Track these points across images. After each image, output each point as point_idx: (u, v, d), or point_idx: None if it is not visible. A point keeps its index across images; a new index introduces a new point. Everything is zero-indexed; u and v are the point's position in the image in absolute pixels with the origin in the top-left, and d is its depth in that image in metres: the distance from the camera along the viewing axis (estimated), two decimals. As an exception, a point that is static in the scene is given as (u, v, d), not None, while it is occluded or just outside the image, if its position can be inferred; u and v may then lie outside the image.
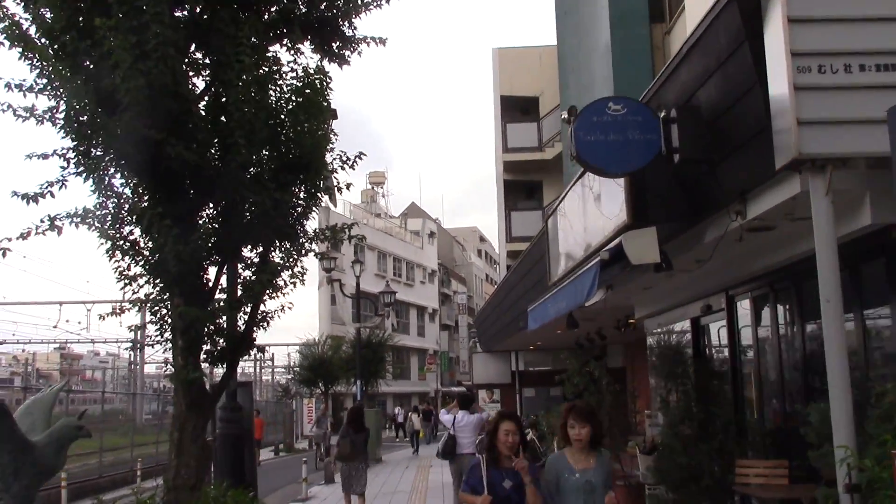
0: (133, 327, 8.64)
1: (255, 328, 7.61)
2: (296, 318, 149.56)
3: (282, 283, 7.52)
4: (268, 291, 7.36)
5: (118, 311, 7.58)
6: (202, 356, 7.39)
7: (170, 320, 7.19)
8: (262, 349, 8.07)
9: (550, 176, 30.23)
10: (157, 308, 7.14)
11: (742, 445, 8.46)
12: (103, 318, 7.54)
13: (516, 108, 32.18)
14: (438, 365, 70.32)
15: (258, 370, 62.44)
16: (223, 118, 7.05)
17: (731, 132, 6.26)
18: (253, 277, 7.37)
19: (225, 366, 7.66)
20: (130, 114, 6.27)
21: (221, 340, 7.34)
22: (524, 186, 31.98)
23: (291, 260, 7.64)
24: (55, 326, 47.05)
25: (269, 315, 7.74)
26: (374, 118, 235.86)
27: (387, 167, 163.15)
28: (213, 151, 7.12)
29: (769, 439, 8.18)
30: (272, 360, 60.40)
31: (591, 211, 8.89)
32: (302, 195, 7.73)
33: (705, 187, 6.86)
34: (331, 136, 8.23)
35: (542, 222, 29.35)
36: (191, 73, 7.65)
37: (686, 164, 6.62)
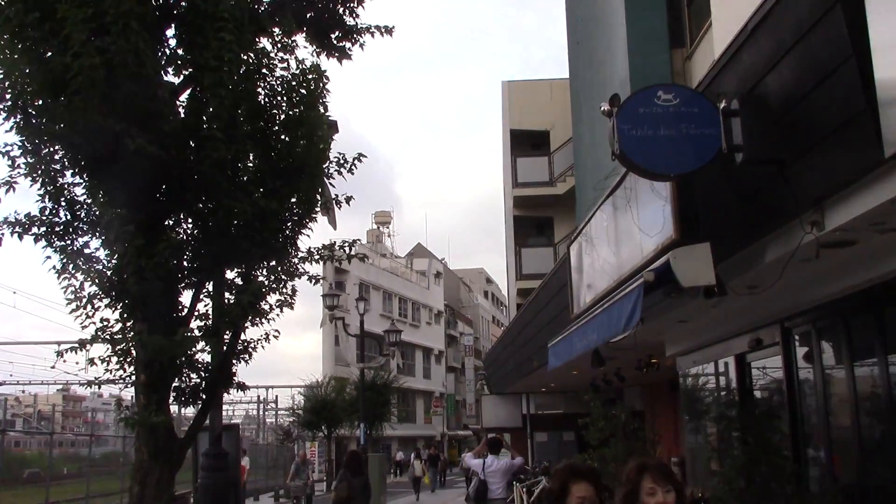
0: (98, 360, 7.45)
1: (234, 360, 6.48)
2: (299, 361, 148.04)
3: (266, 307, 6.41)
4: (250, 317, 6.23)
5: (82, 345, 6.45)
6: (171, 394, 6.24)
7: (133, 351, 6.06)
8: (242, 386, 6.92)
9: (561, 211, 29.24)
10: (113, 336, 6.03)
11: (808, 494, 7.25)
12: (62, 356, 6.43)
13: (526, 143, 31.32)
14: (444, 408, 68.77)
15: (262, 412, 61.00)
16: (198, 108, 5.97)
17: (808, 125, 5.18)
18: (232, 300, 6.24)
19: (199, 405, 6.52)
20: (82, 97, 5.21)
21: (194, 375, 6.20)
22: (534, 222, 30.97)
23: (279, 282, 6.52)
24: (53, 367, 46.11)
25: (252, 345, 6.62)
26: (379, 158, 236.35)
27: (393, 207, 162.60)
28: (185, 150, 6.03)
29: (841, 497, 6.96)
30: (276, 402, 58.98)
31: (626, 229, 7.79)
32: (294, 207, 6.63)
33: (771, 194, 5.75)
34: (329, 147, 7.20)
35: (553, 259, 28.39)
36: (169, 69, 6.62)
37: (750, 166, 5.53)
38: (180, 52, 6.62)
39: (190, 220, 6.39)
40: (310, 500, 21.15)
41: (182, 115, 6.01)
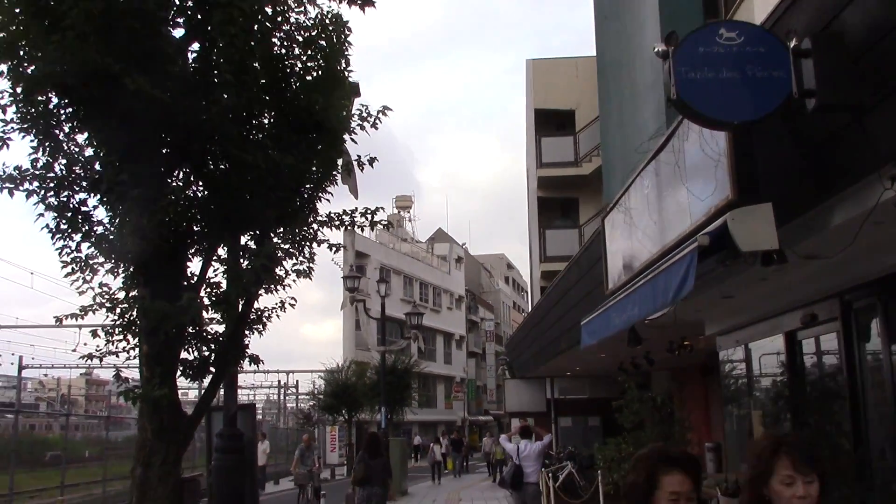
0: (102, 331, 6.89)
1: (247, 331, 5.96)
2: (320, 346, 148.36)
3: (282, 272, 5.87)
4: (263, 283, 5.68)
5: (83, 313, 5.93)
6: (177, 367, 5.72)
7: (136, 320, 5.53)
8: (256, 360, 6.40)
9: (587, 192, 28.59)
10: (114, 302, 5.51)
11: (871, 491, 6.64)
12: (61, 322, 5.92)
13: (551, 123, 30.62)
14: (465, 393, 68.35)
15: (282, 397, 60.86)
16: (207, 54, 5.40)
17: (892, 65, 4.55)
18: (245, 264, 5.70)
19: (208, 380, 6.00)
20: (76, 33, 4.67)
21: (203, 347, 5.68)
22: (559, 204, 30.33)
23: (296, 245, 5.97)
24: (74, 350, 45.83)
25: (266, 314, 6.09)
26: (398, 145, 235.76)
27: (414, 192, 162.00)
28: (193, 95, 5.45)
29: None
30: (296, 386, 58.84)
31: (672, 194, 7.20)
32: (312, 165, 6.06)
33: (844, 146, 5.14)
34: (351, 104, 6.62)
35: (578, 241, 27.74)
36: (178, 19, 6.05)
37: (823, 113, 4.91)
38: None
39: (197, 175, 5.82)
40: (317, 492, 18.20)
41: (190, 62, 5.45)
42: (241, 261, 5.80)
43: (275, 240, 5.87)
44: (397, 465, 23.62)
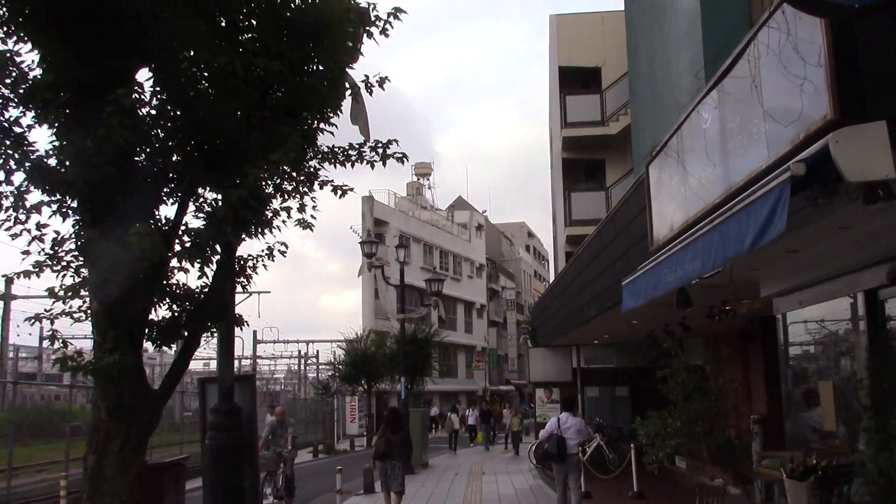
0: (61, 290, 5.82)
1: (226, 285, 4.89)
2: (340, 317, 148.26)
3: (269, 213, 4.78)
4: (247, 224, 4.59)
5: (36, 269, 4.87)
6: (141, 329, 4.66)
7: (83, 269, 4.47)
8: (239, 321, 5.39)
9: (614, 153, 27.41)
10: (56, 247, 4.47)
11: None
12: (11, 282, 4.90)
13: (576, 81, 29.32)
14: (486, 363, 67.52)
15: (303, 367, 60.32)
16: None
17: None
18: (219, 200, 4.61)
19: (179, 346, 4.95)
20: None
21: (174, 305, 4.63)
22: (585, 165, 29.13)
23: (288, 179, 4.87)
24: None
25: (251, 263, 5.01)
26: (417, 115, 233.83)
27: (433, 159, 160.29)
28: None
29: None
30: (316, 356, 58.25)
31: (742, 124, 6.06)
32: (307, 81, 4.91)
33: None
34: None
35: (605, 204, 26.54)
36: None
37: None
38: None
39: (163, 87, 4.68)
40: (290, 483, 14.81)
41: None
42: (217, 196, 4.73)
43: (264, 178, 4.73)
44: (418, 436, 22.76)
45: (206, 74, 4.30)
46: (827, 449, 8.06)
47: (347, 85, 5.40)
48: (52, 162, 4.28)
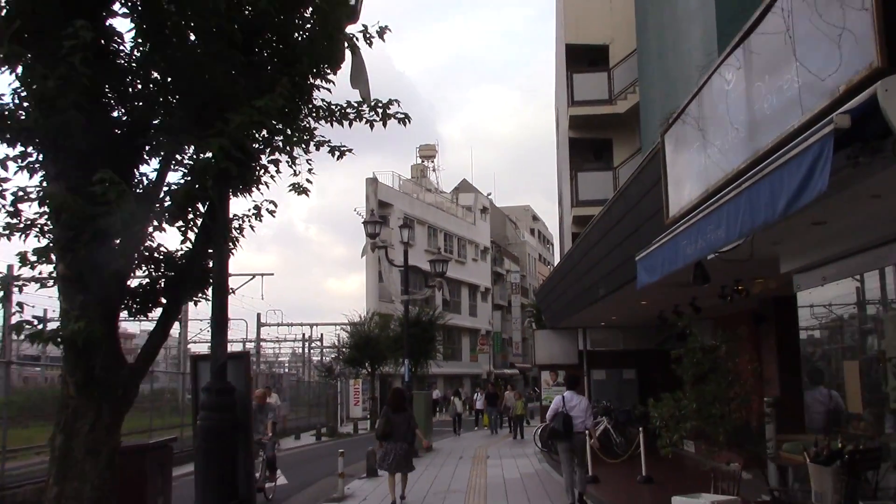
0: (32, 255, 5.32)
1: (211, 248, 4.46)
2: (344, 300, 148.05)
3: (258, 168, 4.35)
4: (231, 179, 4.15)
5: (6, 232, 4.44)
6: (114, 294, 4.23)
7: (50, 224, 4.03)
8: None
9: (622, 132, 26.91)
10: (16, 203, 4.04)
11: None
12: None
13: (583, 59, 28.73)
14: (491, 346, 67.24)
15: (307, 350, 60.08)
16: None
17: None
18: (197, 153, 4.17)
19: (160, 314, 4.54)
20: None
21: (152, 269, 4.21)
22: (592, 145, 28.61)
23: (276, 133, 4.41)
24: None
25: (236, 223, 4.58)
26: (421, 98, 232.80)
27: (437, 141, 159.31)
28: None
29: None
30: (321, 340, 57.94)
31: (771, 83, 5.61)
32: (297, 17, 4.45)
33: None
34: None
35: (612, 184, 26.06)
36: None
37: None
38: None
39: (139, 30, 4.23)
40: (272, 465, 14.61)
41: None
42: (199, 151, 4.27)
43: (249, 128, 4.27)
44: (422, 419, 22.43)
45: (188, 14, 3.85)
46: (851, 432, 7.67)
47: (346, 45, 4.96)
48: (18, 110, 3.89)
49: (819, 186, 4.10)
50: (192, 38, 4.02)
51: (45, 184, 4.10)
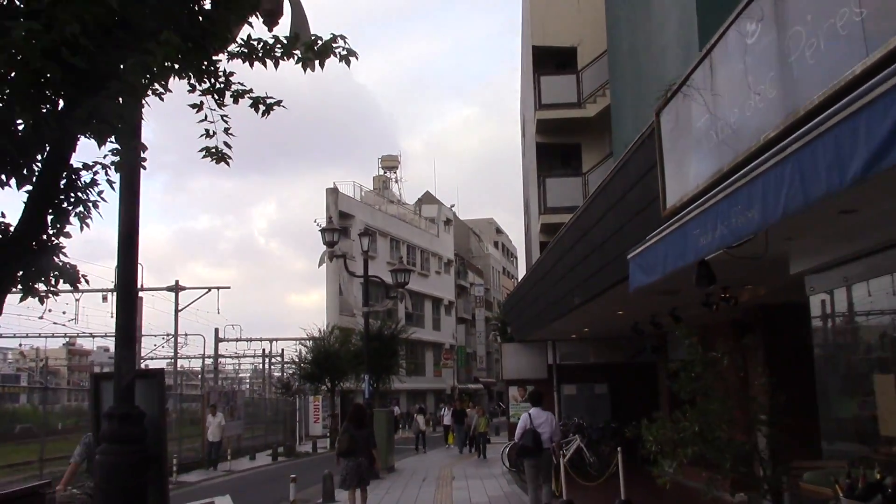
0: None
1: (47, 207, 3.15)
2: (306, 315, 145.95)
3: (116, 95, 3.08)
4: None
5: None
6: None
7: None
8: (71, 275, 3.75)
9: (591, 137, 25.95)
10: None
11: None
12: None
13: (550, 62, 27.76)
14: (455, 360, 65.88)
15: (267, 366, 58.18)
16: None
17: None
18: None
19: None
20: None
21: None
22: (560, 150, 27.61)
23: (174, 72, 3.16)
24: (41, 317, 44.37)
25: (82, 182, 3.28)
26: (382, 112, 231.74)
27: (401, 152, 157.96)
28: None
29: None
30: (281, 355, 56.09)
31: (819, 20, 4.45)
32: None
33: None
34: None
35: (582, 190, 25.03)
36: None
37: None
38: None
39: None
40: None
41: None
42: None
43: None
44: (383, 439, 21.06)
45: None
46: (882, 458, 6.53)
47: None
48: None
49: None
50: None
51: None
